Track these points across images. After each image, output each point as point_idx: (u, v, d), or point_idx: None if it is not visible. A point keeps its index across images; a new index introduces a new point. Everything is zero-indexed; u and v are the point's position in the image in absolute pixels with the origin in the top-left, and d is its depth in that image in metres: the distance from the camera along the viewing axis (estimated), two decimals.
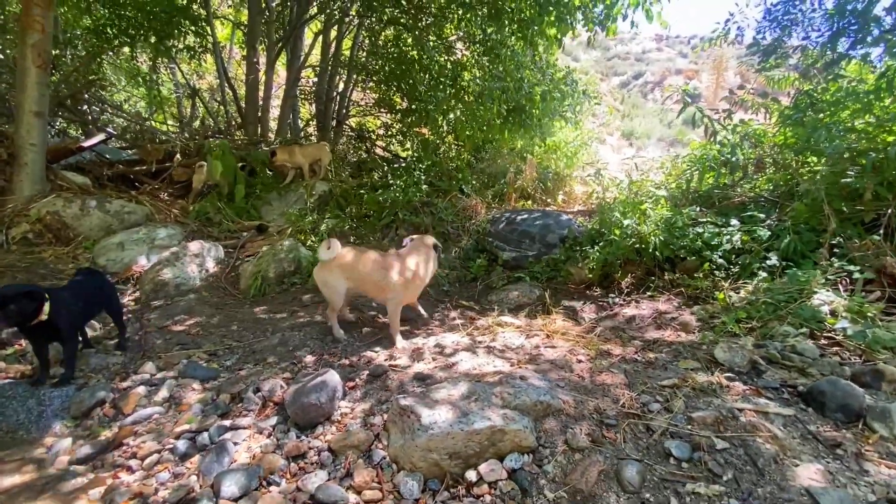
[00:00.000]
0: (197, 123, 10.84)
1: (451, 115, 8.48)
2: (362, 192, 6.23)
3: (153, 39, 9.57)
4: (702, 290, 3.44)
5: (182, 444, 1.97)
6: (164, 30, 9.28)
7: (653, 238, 3.84)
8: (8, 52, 8.49)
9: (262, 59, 9.39)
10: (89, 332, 3.13)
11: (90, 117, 8.35)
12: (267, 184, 6.51)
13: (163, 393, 2.36)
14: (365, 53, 10.76)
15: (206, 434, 2.03)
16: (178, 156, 6.92)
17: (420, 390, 2.10)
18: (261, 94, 9.16)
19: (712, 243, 3.74)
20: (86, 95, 9.37)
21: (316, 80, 11.68)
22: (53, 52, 9.94)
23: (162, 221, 5.54)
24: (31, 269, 4.05)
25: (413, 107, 10.29)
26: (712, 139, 4.71)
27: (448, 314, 3.67)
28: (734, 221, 3.91)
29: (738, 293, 3.26)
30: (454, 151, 8.88)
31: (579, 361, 2.52)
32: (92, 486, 1.86)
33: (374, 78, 10.69)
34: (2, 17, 8.20)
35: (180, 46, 9.79)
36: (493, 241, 4.69)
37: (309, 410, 2.03)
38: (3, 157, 4.70)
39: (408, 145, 12.19)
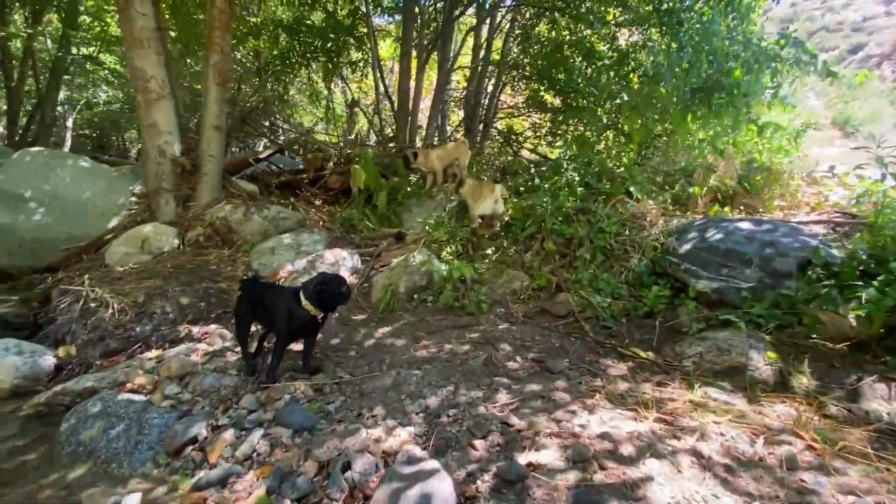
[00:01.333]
0: (354, 134, 11.58)
1: (615, 104, 7.16)
2: (505, 197, 5.46)
3: (324, 59, 10.53)
4: None
5: None
6: (333, 49, 10.09)
7: None
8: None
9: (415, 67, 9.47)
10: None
11: (267, 131, 9.44)
12: (407, 189, 6.24)
13: (246, 446, 1.93)
14: (517, 47, 10.06)
15: None
16: (331, 164, 7.20)
17: None
18: (411, 99, 9.19)
19: None
20: (275, 114, 10.76)
21: (464, 82, 11.47)
22: (255, 80, 11.79)
23: (311, 227, 5.66)
24: (196, 271, 4.34)
25: (567, 100, 9.22)
26: None
27: (609, 368, 2.61)
28: None
29: None
30: (616, 147, 7.50)
31: None
32: None
33: (527, 72, 9.91)
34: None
35: (345, 62, 10.54)
36: (679, 262, 3.40)
37: None
38: (187, 167, 5.30)
39: (558, 143, 11.11)
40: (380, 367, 2.69)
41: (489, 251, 4.75)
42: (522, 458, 1.65)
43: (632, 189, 4.90)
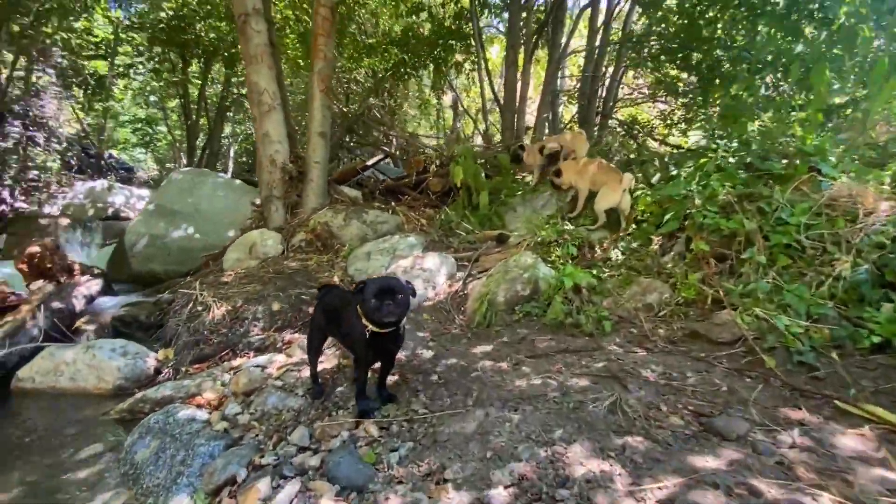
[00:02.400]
0: (456, 134, 11.30)
1: (782, 64, 5.60)
2: (632, 188, 4.46)
3: (432, 66, 10.49)
4: None
5: None
6: (440, 57, 9.98)
7: None
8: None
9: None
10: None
11: (376, 138, 9.61)
12: (512, 187, 5.58)
13: None
14: (642, 22, 8.76)
15: None
16: (433, 166, 6.90)
17: None
18: (518, 94, 8.53)
19: None
20: (381, 121, 11.03)
21: (577, 72, 10.44)
22: (370, 94, 12.31)
23: (410, 231, 5.35)
24: (293, 276, 4.26)
25: (709, 74, 7.63)
26: None
27: (830, 436, 1.60)
28: None
29: None
30: (784, 117, 5.85)
31: None
32: None
33: (654, 50, 8.51)
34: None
35: (451, 64, 10.35)
36: None
37: None
38: (294, 174, 5.40)
39: (695, 127, 9.40)
40: (465, 400, 2.07)
41: (612, 255, 3.84)
42: None
43: (823, 167, 3.53)
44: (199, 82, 14.29)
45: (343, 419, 1.95)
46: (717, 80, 7.39)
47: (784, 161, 3.79)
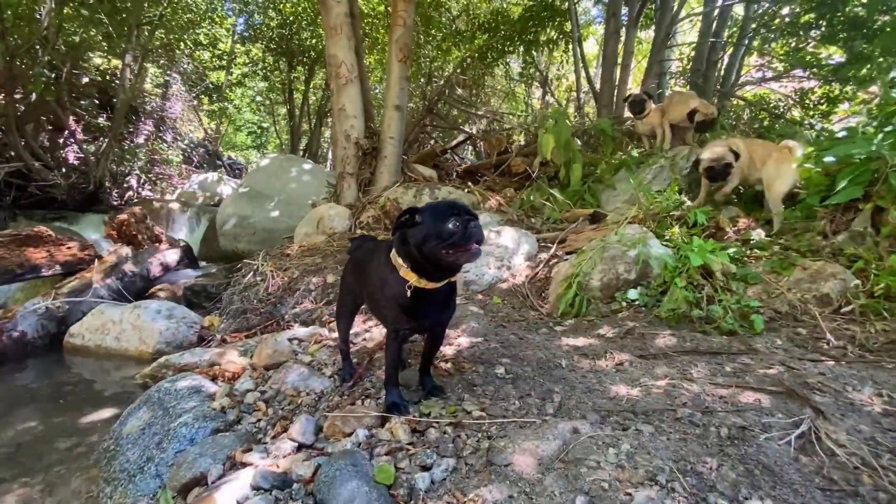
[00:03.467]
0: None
1: None
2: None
3: (522, 49, 9.79)
4: None
5: None
6: (532, 39, 9.25)
7: None
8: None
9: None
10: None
11: (456, 119, 9.15)
12: (611, 163, 4.68)
13: None
14: None
15: None
16: (515, 145, 6.22)
17: None
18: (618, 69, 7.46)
19: None
20: (462, 101, 10.51)
21: (680, 43, 9.01)
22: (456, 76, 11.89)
23: (487, 210, 4.75)
24: None
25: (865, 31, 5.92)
26: None
27: None
28: None
29: None
30: None
31: None
32: None
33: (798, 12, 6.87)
34: None
35: (543, 42, 9.56)
36: None
37: None
38: (367, 148, 5.08)
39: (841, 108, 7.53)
40: (542, 406, 1.40)
41: (753, 234, 2.86)
42: None
43: None
44: (303, 89, 15.19)
45: (364, 412, 1.40)
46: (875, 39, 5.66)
47: None
